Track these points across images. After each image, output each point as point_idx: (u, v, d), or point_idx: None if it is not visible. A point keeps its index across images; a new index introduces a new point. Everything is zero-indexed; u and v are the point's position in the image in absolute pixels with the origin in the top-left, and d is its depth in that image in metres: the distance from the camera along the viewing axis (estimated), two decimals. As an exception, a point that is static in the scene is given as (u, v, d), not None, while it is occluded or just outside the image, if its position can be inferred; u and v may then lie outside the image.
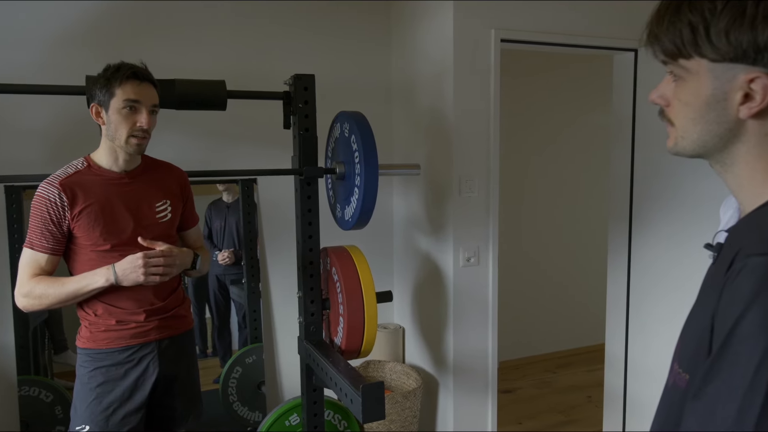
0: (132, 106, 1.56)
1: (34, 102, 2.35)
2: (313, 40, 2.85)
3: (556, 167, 4.15)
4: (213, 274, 2.90)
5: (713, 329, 0.62)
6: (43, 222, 1.55)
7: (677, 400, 0.68)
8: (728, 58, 0.64)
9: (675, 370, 0.70)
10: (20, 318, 2.41)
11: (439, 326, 2.69)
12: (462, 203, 2.52)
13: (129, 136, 1.58)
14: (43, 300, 1.56)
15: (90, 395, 1.63)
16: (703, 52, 0.65)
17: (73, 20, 2.42)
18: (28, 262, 1.57)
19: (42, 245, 1.56)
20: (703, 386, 0.60)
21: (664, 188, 2.61)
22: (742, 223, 0.69)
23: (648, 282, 2.73)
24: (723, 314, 0.60)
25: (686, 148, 0.71)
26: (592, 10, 2.62)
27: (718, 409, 0.57)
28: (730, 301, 0.60)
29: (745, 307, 0.57)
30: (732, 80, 0.65)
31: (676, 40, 0.67)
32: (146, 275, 1.55)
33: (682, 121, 0.70)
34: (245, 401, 2.82)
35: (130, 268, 1.54)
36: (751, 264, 0.59)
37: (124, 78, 1.55)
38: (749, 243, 0.63)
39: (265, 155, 2.70)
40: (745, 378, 0.55)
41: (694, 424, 0.61)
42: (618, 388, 2.93)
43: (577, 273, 4.27)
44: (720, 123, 0.67)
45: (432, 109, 2.65)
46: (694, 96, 0.68)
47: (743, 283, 0.59)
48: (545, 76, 4.03)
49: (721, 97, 0.66)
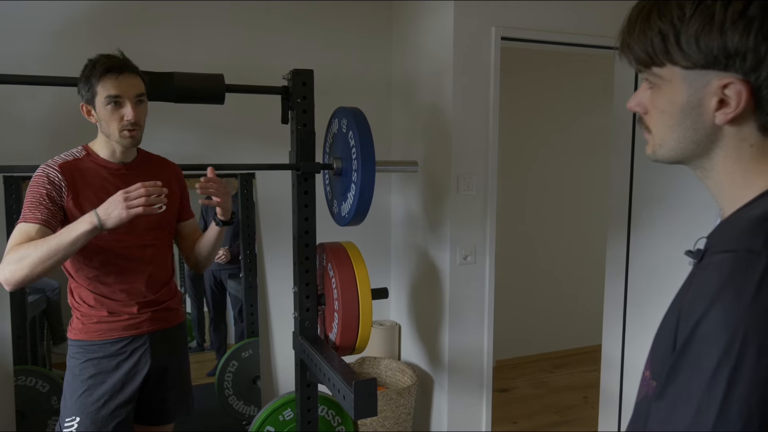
0: (115, 101, 1.54)
1: (34, 93, 2.36)
2: (313, 36, 2.84)
3: (555, 166, 4.14)
4: (209, 270, 2.91)
5: (678, 326, 0.61)
6: (38, 197, 1.51)
7: (645, 409, 0.67)
8: (700, 65, 0.63)
9: (647, 378, 0.69)
10: (18, 308, 2.42)
11: (435, 324, 2.69)
12: (460, 201, 2.52)
13: (120, 130, 1.57)
14: (24, 261, 1.39)
15: (81, 387, 1.63)
16: (675, 60, 0.65)
17: (74, 12, 2.43)
18: (17, 233, 1.47)
19: (34, 216, 1.48)
20: (665, 386, 0.59)
21: (664, 189, 2.60)
22: (720, 226, 0.69)
23: (646, 283, 2.73)
24: (687, 311, 0.60)
25: (664, 155, 0.71)
26: (593, 9, 2.61)
27: (678, 409, 0.57)
28: (694, 298, 0.59)
29: (708, 305, 0.57)
30: (705, 87, 0.64)
31: (647, 49, 0.66)
32: (128, 208, 1.39)
33: (660, 128, 0.70)
34: (241, 395, 2.82)
35: (112, 206, 1.40)
36: (716, 260, 0.59)
37: (101, 74, 1.52)
38: (717, 241, 0.63)
39: (263, 150, 2.70)
40: (703, 378, 0.55)
41: (655, 424, 0.60)
42: (614, 390, 2.92)
43: (575, 273, 4.27)
44: (696, 129, 0.67)
45: (431, 107, 2.65)
46: (670, 103, 0.68)
47: (707, 281, 0.58)
48: (546, 75, 4.02)
49: (696, 103, 0.65)
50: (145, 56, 2.43)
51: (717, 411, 0.54)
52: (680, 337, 0.60)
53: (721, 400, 0.54)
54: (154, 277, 1.70)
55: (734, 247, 0.59)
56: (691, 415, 0.55)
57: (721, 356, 0.54)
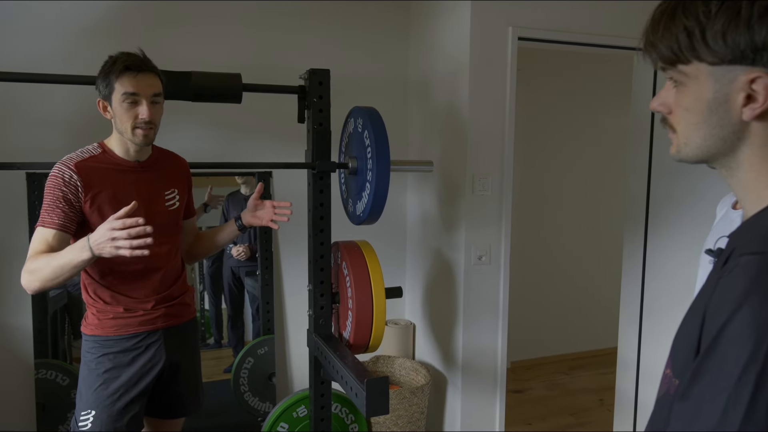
0: (132, 99, 1.55)
1: (55, 92, 2.41)
2: (331, 36, 2.86)
3: (573, 168, 4.11)
4: (228, 266, 2.94)
5: (703, 327, 0.61)
6: (55, 199, 1.52)
7: (667, 407, 0.67)
8: (727, 60, 0.63)
9: (668, 375, 0.69)
10: (39, 302, 2.47)
11: (449, 324, 2.69)
12: (475, 201, 2.52)
13: (133, 128, 1.57)
14: (36, 274, 1.45)
15: (97, 381, 1.66)
16: (701, 56, 0.64)
17: (96, 11, 2.47)
18: (36, 239, 1.51)
19: (51, 221, 1.51)
20: (689, 387, 0.59)
21: (682, 191, 2.57)
22: (743, 226, 0.68)
23: (662, 286, 2.70)
24: (713, 313, 0.60)
25: (689, 154, 0.70)
26: (611, 9, 2.59)
27: (703, 409, 0.57)
28: (721, 299, 0.59)
29: (736, 306, 0.56)
30: (732, 82, 0.64)
31: (673, 46, 0.66)
32: (116, 249, 1.36)
33: (685, 127, 0.69)
34: (256, 391, 2.85)
35: (103, 242, 1.37)
36: (743, 262, 0.59)
37: (120, 71, 1.53)
38: (743, 243, 0.63)
39: (280, 149, 2.72)
40: (730, 379, 0.55)
41: (679, 425, 0.60)
42: (630, 392, 2.90)
43: (592, 274, 4.23)
44: (723, 126, 0.66)
45: (448, 107, 2.65)
46: (696, 101, 0.67)
47: (734, 282, 0.58)
48: (563, 76, 3.99)
49: (722, 99, 0.65)
50: (163, 55, 2.47)
51: (744, 411, 0.54)
52: (706, 338, 0.60)
53: (748, 401, 0.54)
54: (167, 274, 1.73)
55: (761, 250, 0.59)
56: (717, 415, 0.55)
57: (749, 358, 0.54)
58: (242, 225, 1.87)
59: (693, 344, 0.62)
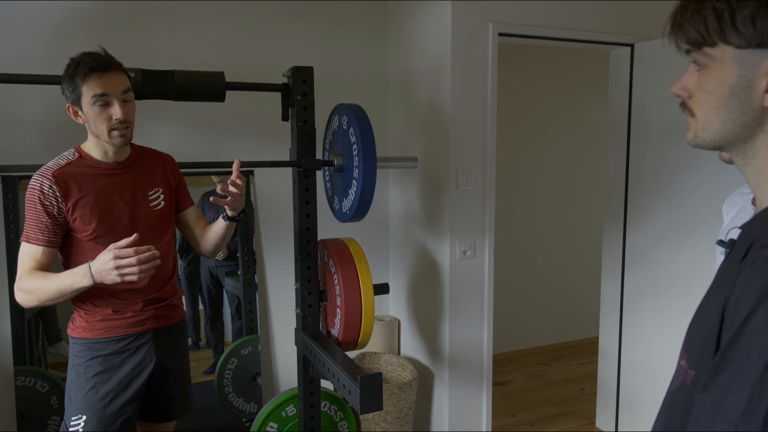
0: (102, 100, 1.51)
1: (30, 92, 2.34)
2: (311, 33, 2.84)
3: (552, 161, 4.16)
4: (206, 266, 2.90)
5: (723, 319, 0.61)
6: (36, 214, 1.52)
7: (683, 399, 0.66)
8: (754, 44, 0.63)
9: (683, 366, 0.69)
10: (16, 308, 2.41)
11: (434, 318, 2.70)
12: (459, 196, 2.53)
13: (110, 130, 1.54)
14: (32, 295, 1.49)
15: (87, 385, 1.63)
16: (728, 39, 0.65)
17: (72, 10, 2.41)
18: (25, 256, 1.53)
19: (37, 238, 1.52)
20: (712, 377, 0.59)
21: (659, 183, 2.63)
22: (759, 217, 0.68)
23: (642, 276, 2.75)
24: (736, 304, 0.60)
25: (706, 138, 0.71)
26: (589, 5, 2.63)
27: (728, 399, 0.56)
28: (744, 290, 0.59)
29: (759, 298, 0.56)
30: (757, 66, 0.64)
31: (700, 28, 0.67)
32: (121, 276, 1.39)
33: (705, 111, 0.70)
34: (241, 392, 2.83)
35: (105, 271, 1.40)
36: (766, 254, 0.59)
37: (85, 73, 1.49)
38: (765, 235, 0.63)
39: (263, 147, 2.70)
40: (755, 369, 0.54)
41: (702, 416, 0.59)
42: (611, 381, 2.95)
43: (571, 266, 4.30)
44: (744, 111, 0.66)
45: (429, 103, 2.65)
46: (719, 84, 0.67)
47: (758, 274, 0.58)
48: (542, 71, 4.03)
49: (745, 84, 0.65)
50: (145, 54, 2.42)
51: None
52: (728, 329, 0.60)
53: None
54: (157, 275, 1.69)
55: None
56: (743, 405, 0.55)
57: None
58: (227, 215, 1.78)
59: (712, 335, 0.62)
